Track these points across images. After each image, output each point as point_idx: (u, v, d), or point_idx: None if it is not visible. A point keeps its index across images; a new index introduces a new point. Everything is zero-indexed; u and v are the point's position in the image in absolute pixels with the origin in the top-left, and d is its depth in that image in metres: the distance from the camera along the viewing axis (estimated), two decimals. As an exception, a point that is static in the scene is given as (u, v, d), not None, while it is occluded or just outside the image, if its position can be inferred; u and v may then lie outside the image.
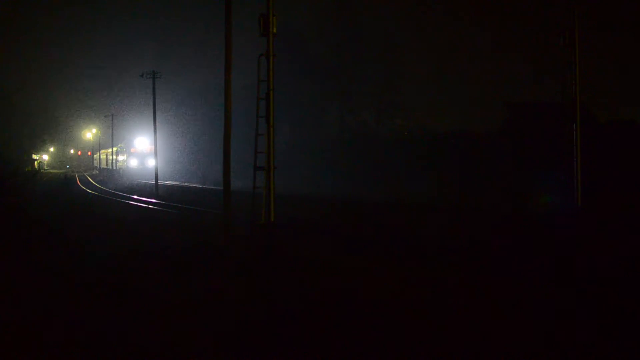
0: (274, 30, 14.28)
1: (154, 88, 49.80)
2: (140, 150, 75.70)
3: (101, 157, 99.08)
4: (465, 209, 30.34)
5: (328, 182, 54.08)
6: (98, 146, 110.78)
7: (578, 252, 16.30)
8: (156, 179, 49.03)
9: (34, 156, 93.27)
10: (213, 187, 54.76)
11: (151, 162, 74.97)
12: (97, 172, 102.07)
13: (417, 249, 17.07)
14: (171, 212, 31.04)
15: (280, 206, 16.36)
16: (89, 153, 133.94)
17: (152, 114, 49.85)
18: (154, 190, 47.92)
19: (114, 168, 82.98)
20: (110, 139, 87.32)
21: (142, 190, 51.06)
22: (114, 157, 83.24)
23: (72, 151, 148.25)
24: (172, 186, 59.17)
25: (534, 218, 26.33)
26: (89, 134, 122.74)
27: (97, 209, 32.49)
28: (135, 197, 42.75)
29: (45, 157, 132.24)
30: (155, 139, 50.42)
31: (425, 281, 12.56)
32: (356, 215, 28.06)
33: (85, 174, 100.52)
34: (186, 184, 64.74)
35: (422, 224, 24.05)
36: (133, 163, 75.78)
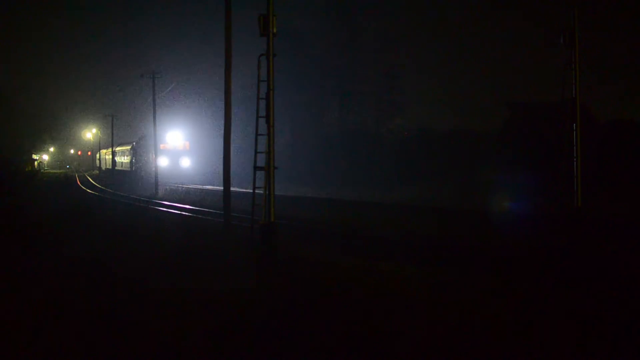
0: (274, 30, 14.26)
1: (154, 88, 49.73)
2: (173, 147, 63.92)
3: (106, 157, 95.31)
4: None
5: (328, 182, 54.07)
6: (98, 146, 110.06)
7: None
8: (156, 179, 49.01)
9: (34, 156, 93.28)
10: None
11: (186, 162, 64.52)
12: (98, 172, 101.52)
13: (414, 250, 17.10)
14: (173, 212, 31.18)
15: (280, 206, 16.38)
16: (89, 153, 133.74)
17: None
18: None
19: (132, 169, 73.24)
20: (117, 137, 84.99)
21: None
22: (130, 157, 74.85)
23: (72, 151, 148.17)
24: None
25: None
26: (89, 134, 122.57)
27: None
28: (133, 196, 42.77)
29: (45, 157, 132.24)
30: (156, 140, 50.38)
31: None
32: (355, 215, 28.03)
33: (85, 174, 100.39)
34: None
35: (416, 224, 23.95)
36: (163, 162, 61.14)
